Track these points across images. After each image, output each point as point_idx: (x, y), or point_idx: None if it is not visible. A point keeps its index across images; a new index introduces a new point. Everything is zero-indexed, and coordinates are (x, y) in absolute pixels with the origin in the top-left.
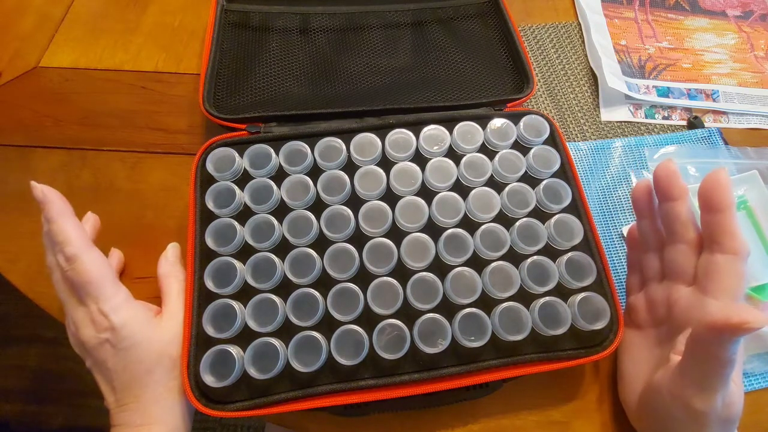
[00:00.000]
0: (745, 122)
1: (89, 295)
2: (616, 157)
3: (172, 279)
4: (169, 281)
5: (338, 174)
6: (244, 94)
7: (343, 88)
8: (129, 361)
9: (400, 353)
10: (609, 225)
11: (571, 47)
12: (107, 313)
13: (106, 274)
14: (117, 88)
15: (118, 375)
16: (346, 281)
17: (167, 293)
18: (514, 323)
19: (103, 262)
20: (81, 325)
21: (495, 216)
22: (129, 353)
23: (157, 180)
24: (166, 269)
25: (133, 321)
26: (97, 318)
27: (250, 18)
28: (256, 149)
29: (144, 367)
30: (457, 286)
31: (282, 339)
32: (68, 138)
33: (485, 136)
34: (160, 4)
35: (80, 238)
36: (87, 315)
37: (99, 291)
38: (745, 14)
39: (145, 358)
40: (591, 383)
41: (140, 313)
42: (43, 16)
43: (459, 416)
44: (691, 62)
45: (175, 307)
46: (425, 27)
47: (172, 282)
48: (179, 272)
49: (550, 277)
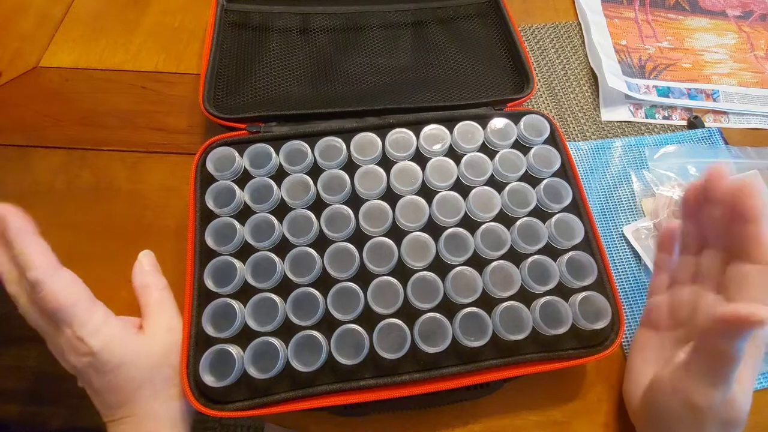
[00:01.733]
0: (745, 122)
1: (63, 321)
2: (616, 156)
3: (151, 288)
4: (147, 291)
5: (338, 173)
6: (244, 94)
7: (343, 88)
8: (117, 382)
9: (400, 353)
10: (609, 224)
11: (571, 47)
12: (84, 338)
13: (77, 296)
14: (117, 88)
15: (108, 395)
16: (346, 281)
17: (146, 304)
18: (514, 323)
19: (72, 284)
20: (61, 351)
21: (495, 215)
22: (115, 374)
23: (157, 180)
24: (142, 279)
25: (114, 342)
26: (75, 344)
27: (250, 18)
28: (256, 149)
29: (134, 384)
30: (457, 286)
31: (282, 338)
32: (68, 138)
33: (485, 135)
34: (160, 4)
35: (44, 259)
36: (65, 341)
37: (72, 317)
38: (745, 14)
39: (134, 376)
40: (592, 383)
41: (121, 331)
42: (43, 16)
43: (459, 416)
44: (691, 62)
45: (158, 318)
46: (425, 27)
47: (151, 291)
48: (158, 281)
49: (551, 277)
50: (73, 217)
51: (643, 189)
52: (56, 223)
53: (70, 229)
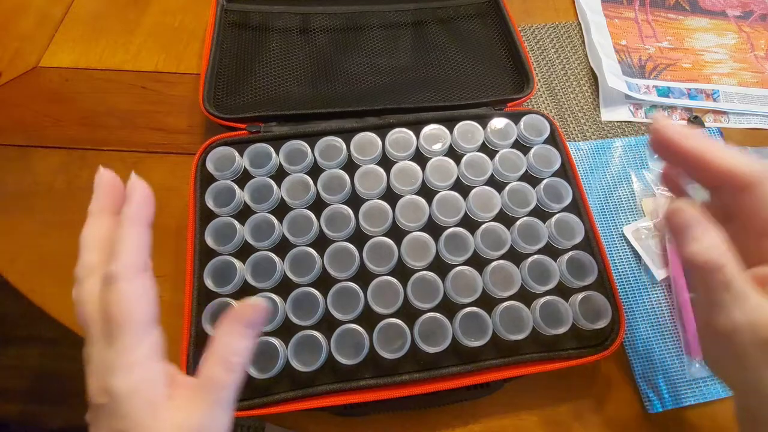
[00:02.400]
0: (745, 122)
1: (108, 335)
2: (616, 156)
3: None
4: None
5: (338, 173)
6: (244, 94)
7: (343, 88)
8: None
9: (400, 353)
10: (609, 224)
11: (571, 47)
12: (114, 370)
13: (139, 314)
14: (117, 88)
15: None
16: (346, 280)
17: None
18: (514, 323)
19: (141, 297)
20: (90, 366)
21: (495, 215)
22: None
23: (157, 180)
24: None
25: (139, 397)
26: (101, 373)
27: (250, 18)
28: (256, 148)
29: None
30: (457, 286)
31: (282, 338)
32: (68, 138)
33: (485, 135)
34: (160, 4)
35: (134, 258)
36: (98, 358)
37: (118, 334)
38: (745, 14)
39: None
40: (592, 383)
41: (152, 385)
42: (43, 16)
43: (460, 416)
44: (691, 62)
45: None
46: (425, 27)
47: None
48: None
49: (551, 277)
50: (73, 217)
51: (643, 189)
52: (56, 223)
53: (70, 229)
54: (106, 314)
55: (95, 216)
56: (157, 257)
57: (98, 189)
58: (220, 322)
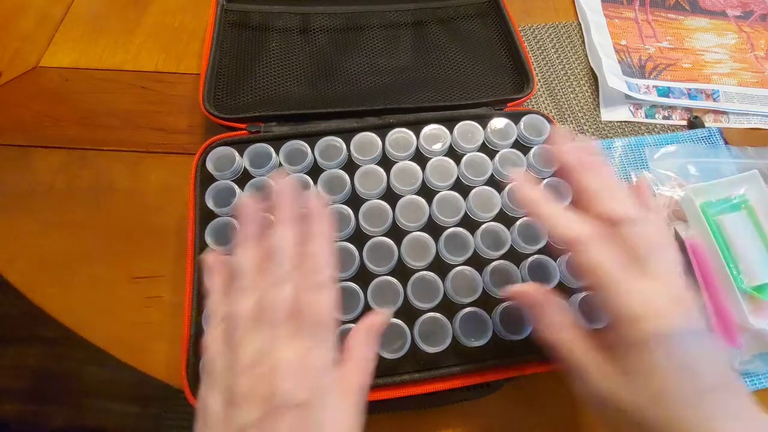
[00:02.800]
0: (745, 122)
1: (313, 336)
2: (616, 157)
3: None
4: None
5: (338, 173)
6: (244, 94)
7: (343, 88)
8: None
9: (400, 353)
10: None
11: (571, 47)
12: (320, 366)
13: (334, 320)
14: (117, 88)
15: None
16: (346, 280)
17: None
18: (515, 322)
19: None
20: (278, 370)
21: (495, 215)
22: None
23: (157, 180)
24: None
25: (330, 398)
26: (309, 365)
27: (250, 18)
28: (256, 148)
29: None
30: (457, 286)
31: None
32: (68, 138)
33: (485, 135)
34: (160, 4)
35: (330, 272)
36: (297, 357)
37: (322, 332)
38: (745, 14)
39: None
40: None
41: (340, 383)
42: (43, 16)
43: (459, 416)
44: (691, 62)
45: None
46: (425, 27)
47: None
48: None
49: (551, 276)
50: (73, 217)
51: None
52: (56, 223)
53: (70, 229)
54: (308, 319)
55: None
56: (157, 257)
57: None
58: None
